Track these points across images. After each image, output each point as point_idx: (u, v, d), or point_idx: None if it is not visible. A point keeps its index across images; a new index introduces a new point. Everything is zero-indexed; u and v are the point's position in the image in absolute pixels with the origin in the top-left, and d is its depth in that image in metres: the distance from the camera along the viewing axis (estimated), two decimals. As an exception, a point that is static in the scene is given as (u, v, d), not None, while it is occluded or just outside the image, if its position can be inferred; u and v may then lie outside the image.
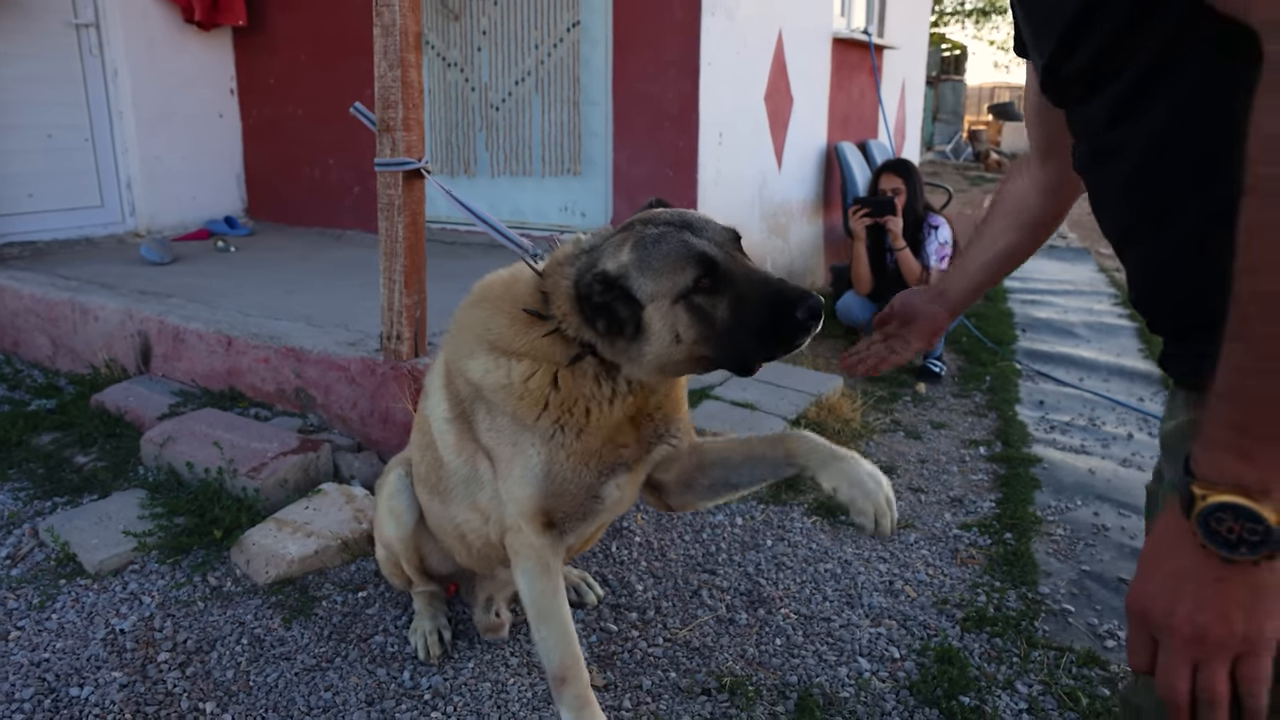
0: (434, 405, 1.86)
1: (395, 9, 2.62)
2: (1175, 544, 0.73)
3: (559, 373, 1.64)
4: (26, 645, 2.18)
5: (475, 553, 1.95)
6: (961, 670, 2.15)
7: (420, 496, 2.04)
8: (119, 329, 3.67)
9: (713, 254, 1.48)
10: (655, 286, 1.49)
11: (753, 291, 1.47)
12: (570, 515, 1.74)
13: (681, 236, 1.50)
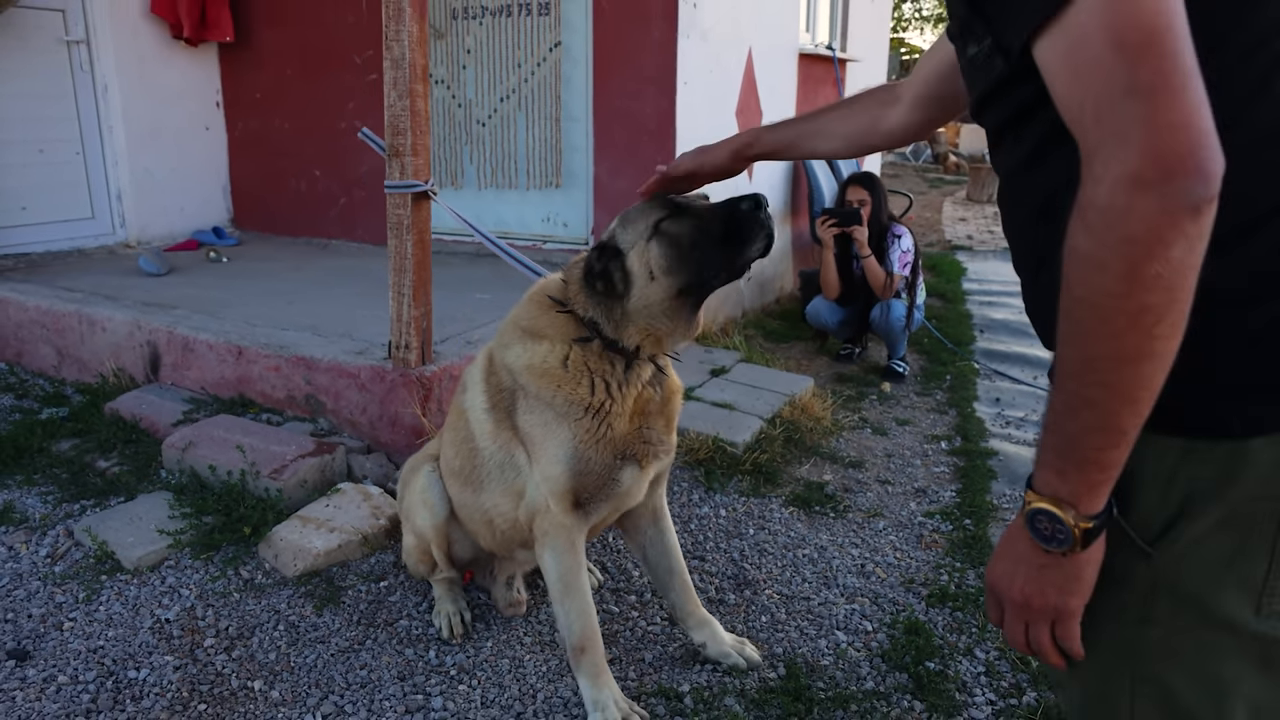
0: (473, 398, 2.12)
1: (404, 44, 2.84)
2: (1017, 536, 0.97)
3: (571, 350, 1.95)
4: (81, 634, 2.38)
5: (500, 535, 2.19)
6: (927, 640, 2.42)
7: (451, 489, 2.28)
8: (127, 339, 3.84)
9: (675, 200, 1.84)
10: (633, 234, 1.87)
11: (706, 211, 1.84)
12: (594, 495, 2.01)
13: (654, 200, 1.87)
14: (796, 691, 2.20)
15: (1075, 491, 0.89)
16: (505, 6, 4.86)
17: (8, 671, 2.22)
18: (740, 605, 2.62)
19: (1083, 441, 0.87)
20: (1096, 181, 0.78)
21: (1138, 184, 0.75)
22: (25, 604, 2.50)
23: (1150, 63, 0.75)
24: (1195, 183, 0.74)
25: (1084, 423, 0.86)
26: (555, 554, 2.04)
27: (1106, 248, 0.78)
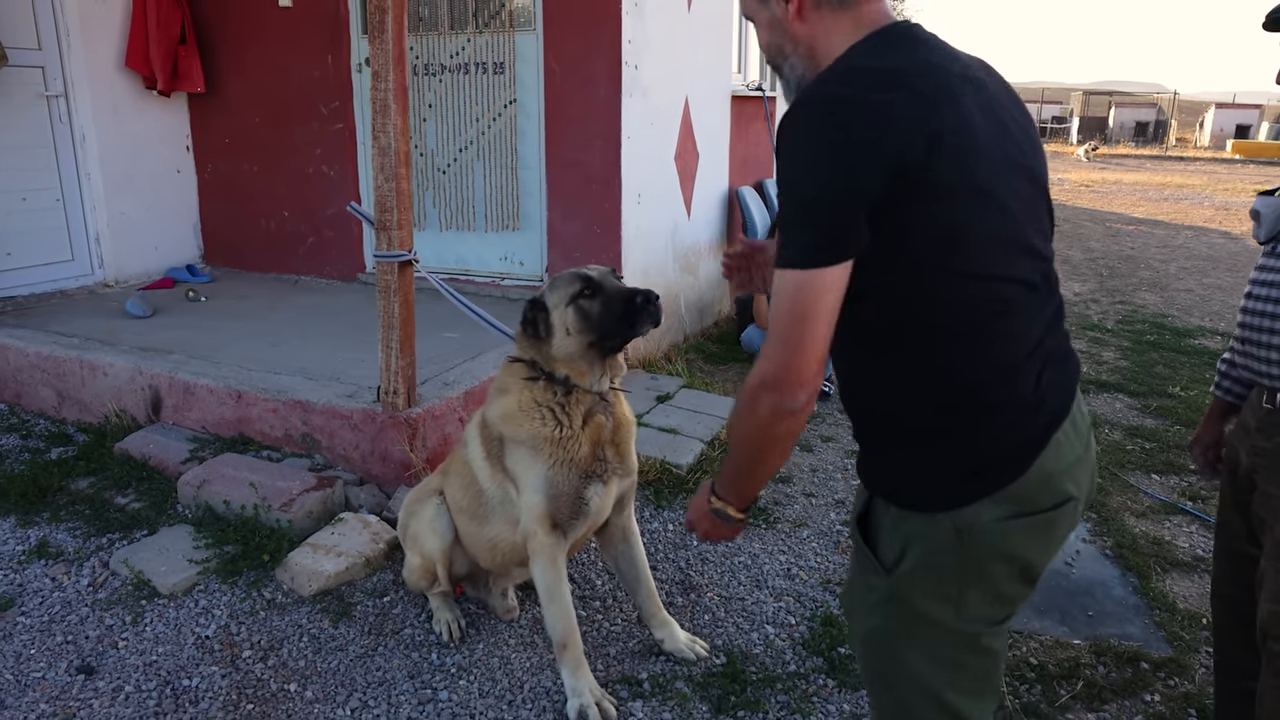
0: (473, 450, 2.68)
1: (390, 135, 3.31)
2: (704, 509, 1.70)
3: (524, 393, 2.56)
4: (135, 651, 2.82)
5: (502, 557, 2.74)
6: (839, 630, 2.98)
7: (459, 521, 2.80)
8: (129, 383, 4.23)
9: (591, 274, 2.48)
10: (556, 297, 2.51)
11: (615, 293, 2.46)
12: (567, 517, 2.57)
13: (576, 271, 2.51)
14: (734, 675, 2.75)
15: (733, 502, 1.66)
16: (463, 65, 5.33)
17: (81, 684, 2.66)
18: (687, 606, 3.15)
19: (735, 484, 1.63)
20: (753, 374, 1.39)
21: (765, 385, 1.37)
22: (80, 628, 2.93)
23: (799, 331, 1.32)
24: (794, 399, 1.35)
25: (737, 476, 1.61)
26: (541, 569, 2.58)
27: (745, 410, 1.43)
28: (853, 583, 1.63)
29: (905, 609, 1.49)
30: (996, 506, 1.41)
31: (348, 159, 5.83)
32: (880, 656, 1.57)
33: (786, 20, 1.48)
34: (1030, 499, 1.42)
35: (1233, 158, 32.77)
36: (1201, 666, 2.90)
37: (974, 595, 1.46)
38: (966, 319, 1.37)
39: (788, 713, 2.61)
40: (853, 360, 1.51)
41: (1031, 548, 1.45)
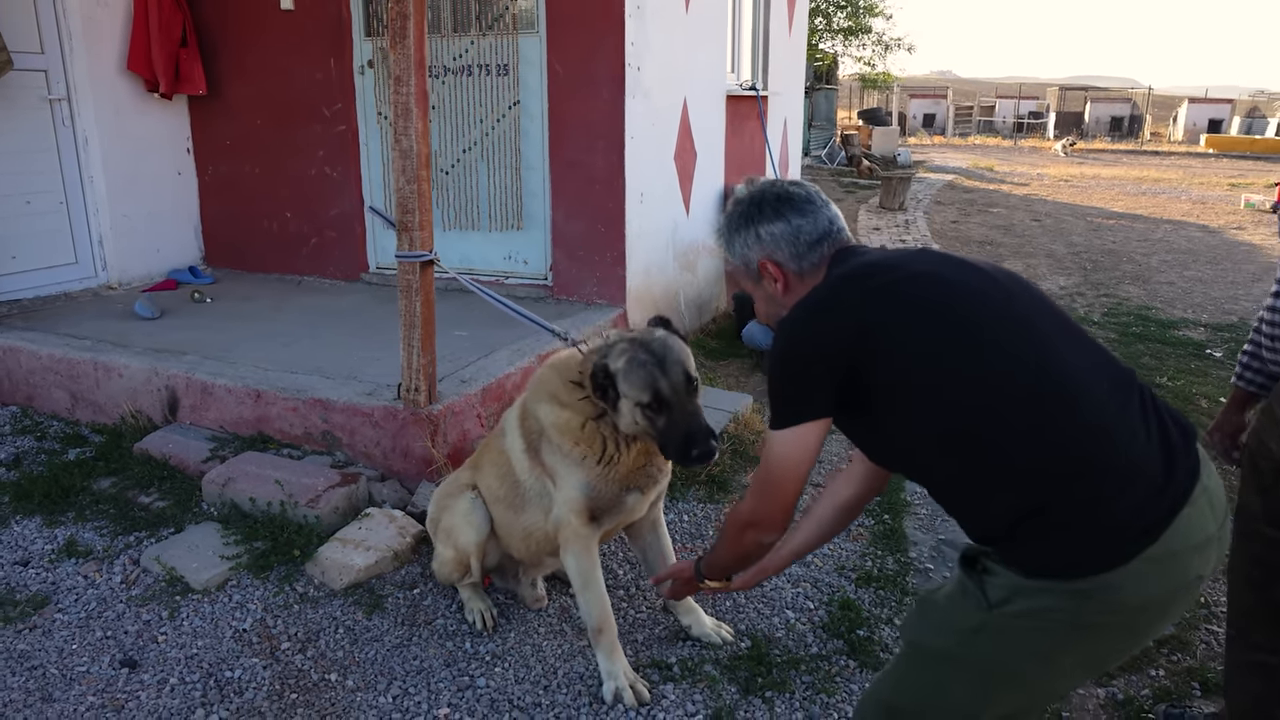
0: (512, 441, 2.77)
1: (412, 138, 3.38)
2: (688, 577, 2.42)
3: (588, 422, 2.58)
4: (175, 645, 2.88)
5: (535, 545, 2.82)
6: (857, 613, 3.09)
7: (495, 511, 2.88)
8: (145, 384, 4.28)
9: (663, 390, 2.43)
10: (626, 390, 2.47)
11: (680, 422, 2.44)
12: (605, 512, 2.68)
13: (651, 372, 2.44)
14: (759, 658, 2.85)
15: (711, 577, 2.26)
16: (466, 67, 5.40)
17: (126, 677, 2.73)
18: (708, 594, 3.25)
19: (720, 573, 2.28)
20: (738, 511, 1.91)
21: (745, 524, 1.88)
22: (118, 623, 2.99)
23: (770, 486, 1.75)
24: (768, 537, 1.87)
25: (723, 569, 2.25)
26: (575, 557, 2.68)
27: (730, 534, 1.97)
28: (939, 598, 1.70)
29: (989, 645, 1.56)
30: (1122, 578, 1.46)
31: (350, 160, 5.88)
32: (926, 669, 1.67)
33: (778, 294, 1.89)
34: (1159, 574, 1.47)
35: (1206, 152, 33.23)
36: (1201, 643, 3.03)
37: (1069, 659, 1.54)
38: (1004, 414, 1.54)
39: (813, 692, 2.72)
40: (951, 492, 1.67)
41: (1147, 624, 1.55)
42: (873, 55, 23.70)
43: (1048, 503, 1.48)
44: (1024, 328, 1.59)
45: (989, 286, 1.65)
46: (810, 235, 1.82)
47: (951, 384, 1.56)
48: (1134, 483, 1.47)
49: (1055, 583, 1.49)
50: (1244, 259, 10.49)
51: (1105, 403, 1.52)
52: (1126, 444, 1.49)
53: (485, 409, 3.98)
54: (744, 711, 2.64)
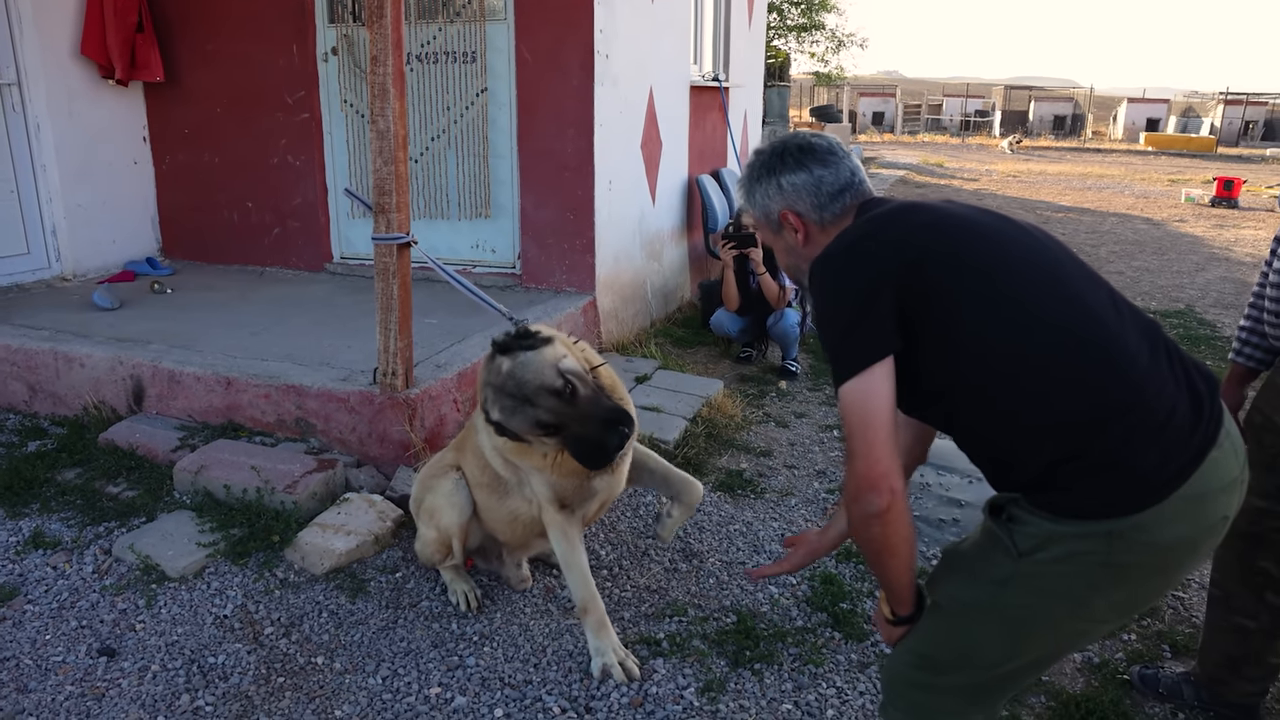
0: (482, 439, 2.76)
1: (389, 119, 3.35)
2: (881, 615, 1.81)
3: None
4: (154, 633, 2.83)
5: (522, 529, 2.82)
6: (839, 587, 3.14)
7: (478, 495, 2.87)
8: (109, 374, 4.18)
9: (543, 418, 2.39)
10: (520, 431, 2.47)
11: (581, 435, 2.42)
12: (574, 500, 2.69)
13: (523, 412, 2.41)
14: (746, 632, 2.88)
15: (894, 606, 1.75)
16: (434, 55, 5.36)
17: (104, 666, 2.67)
18: (691, 572, 3.27)
19: (884, 585, 1.73)
20: (846, 481, 1.61)
21: (852, 498, 1.57)
22: (92, 613, 2.93)
23: (859, 442, 1.55)
24: (872, 502, 1.53)
25: (880, 577, 1.72)
26: (555, 541, 2.72)
27: (850, 521, 1.63)
28: (966, 550, 1.73)
29: (1019, 593, 1.59)
30: (1154, 518, 1.50)
31: (314, 148, 5.80)
32: (958, 621, 1.69)
33: (799, 245, 1.87)
34: (1189, 514, 1.51)
35: (1146, 149, 34.14)
36: (1169, 608, 3.13)
37: (1101, 601, 1.57)
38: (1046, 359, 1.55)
39: (800, 663, 2.75)
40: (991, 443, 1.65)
41: (1177, 564, 1.58)
42: (826, 51, 23.94)
43: (1084, 449, 1.51)
44: (1061, 277, 1.62)
45: (1023, 236, 1.68)
46: (832, 186, 1.80)
47: (997, 327, 1.56)
48: (1165, 428, 1.51)
49: (1087, 525, 1.52)
50: (1187, 249, 10.81)
51: (1137, 352, 1.55)
52: (1158, 391, 1.53)
53: (461, 394, 3.96)
54: (734, 683, 2.66)
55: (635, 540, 3.48)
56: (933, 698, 1.76)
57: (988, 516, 1.68)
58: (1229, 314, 7.58)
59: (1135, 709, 2.61)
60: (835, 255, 1.66)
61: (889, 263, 1.59)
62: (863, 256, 1.63)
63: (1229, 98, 41.93)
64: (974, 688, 1.73)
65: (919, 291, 1.57)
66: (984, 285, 1.58)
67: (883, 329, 1.56)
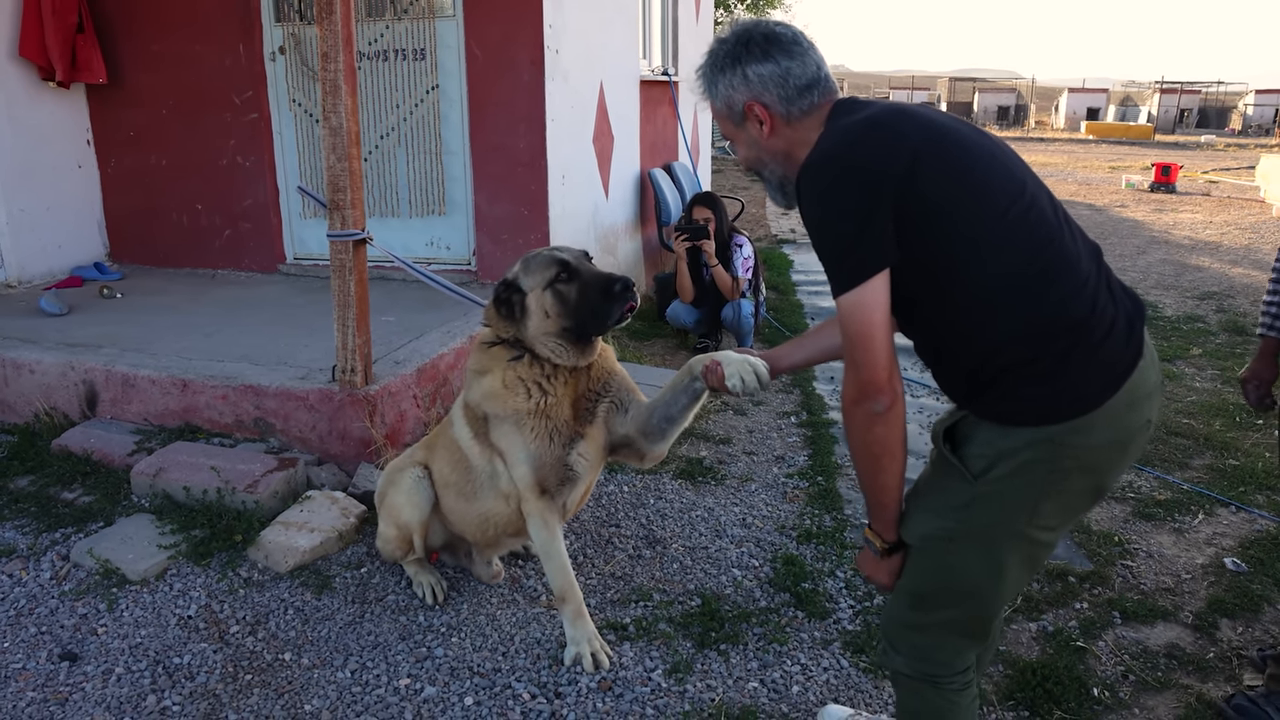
0: (459, 429, 2.76)
1: (341, 115, 3.35)
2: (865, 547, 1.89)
3: (507, 371, 2.62)
4: (117, 636, 2.80)
5: (494, 530, 2.82)
6: (801, 568, 3.20)
7: (445, 497, 2.87)
8: (60, 380, 4.12)
9: (567, 258, 2.53)
10: (532, 281, 2.54)
11: (592, 279, 2.51)
12: (555, 483, 2.66)
13: (549, 254, 2.55)
14: (711, 614, 2.93)
15: (880, 532, 1.83)
16: (382, 52, 5.33)
17: (66, 670, 2.64)
18: (655, 558, 3.32)
19: (873, 507, 1.80)
20: (843, 397, 1.68)
21: (853, 401, 1.65)
22: (52, 618, 2.89)
23: (859, 351, 1.61)
24: (878, 403, 1.62)
25: (869, 495, 1.78)
26: (536, 530, 2.70)
27: (849, 426, 1.70)
28: (923, 490, 1.83)
29: (981, 513, 1.70)
30: (1092, 423, 1.62)
31: (264, 149, 5.74)
32: (935, 555, 1.79)
33: (762, 138, 1.82)
34: (1121, 419, 1.64)
35: (1087, 138, 34.93)
36: (1119, 577, 3.25)
37: (1049, 505, 1.67)
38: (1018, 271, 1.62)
39: (765, 642, 2.81)
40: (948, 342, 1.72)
41: (1110, 464, 1.69)
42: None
43: (1037, 357, 1.61)
44: (1033, 194, 1.68)
45: (997, 150, 1.72)
46: (800, 79, 1.75)
47: (978, 238, 1.61)
48: (1106, 341, 1.62)
49: (1033, 431, 1.62)
50: (1129, 233, 11.10)
51: (1089, 271, 1.66)
52: (1103, 309, 1.64)
53: (421, 389, 3.97)
54: (701, 664, 2.71)
55: (599, 529, 3.52)
56: (930, 636, 1.86)
57: (938, 445, 1.78)
58: (1169, 294, 7.80)
59: (1089, 674, 2.71)
60: (827, 164, 1.63)
61: (884, 173, 1.58)
62: (857, 168, 1.61)
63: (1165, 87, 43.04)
64: (966, 619, 1.83)
65: (909, 200, 1.58)
66: (969, 197, 1.62)
67: (881, 241, 1.59)
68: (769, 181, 1.92)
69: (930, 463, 1.87)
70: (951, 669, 1.88)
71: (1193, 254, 9.70)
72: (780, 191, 1.92)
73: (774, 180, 1.90)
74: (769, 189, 1.95)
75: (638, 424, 2.69)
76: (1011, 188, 1.66)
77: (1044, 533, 1.72)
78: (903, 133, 1.63)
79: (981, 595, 1.79)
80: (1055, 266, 1.64)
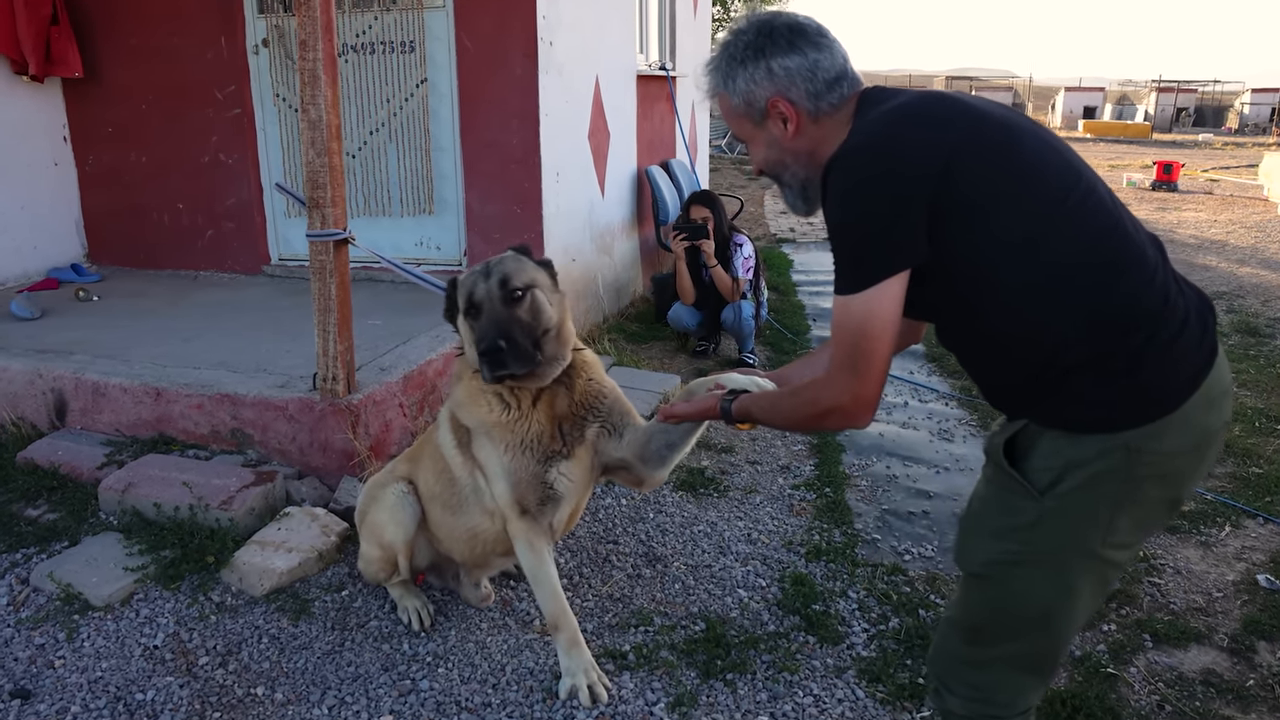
0: (444, 436, 2.56)
1: (320, 107, 3.15)
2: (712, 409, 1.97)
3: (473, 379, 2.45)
4: (75, 669, 2.60)
5: (482, 547, 2.62)
6: (810, 588, 3.01)
7: (432, 511, 2.67)
8: (27, 388, 3.91)
9: (477, 295, 2.31)
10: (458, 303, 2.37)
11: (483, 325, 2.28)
12: (534, 503, 2.45)
13: (473, 280, 2.33)
14: (716, 639, 2.73)
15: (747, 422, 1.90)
16: (369, 45, 5.13)
17: (18, 710, 2.44)
18: (655, 577, 3.12)
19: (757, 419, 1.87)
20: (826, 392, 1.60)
21: (838, 410, 1.58)
22: (5, 650, 2.68)
23: (864, 359, 1.51)
24: (856, 423, 1.59)
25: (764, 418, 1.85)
26: (521, 553, 2.51)
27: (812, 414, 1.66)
28: (979, 511, 1.65)
29: (1050, 532, 1.53)
30: (1169, 426, 1.47)
31: (247, 146, 5.53)
32: (998, 582, 1.60)
33: (785, 138, 1.68)
34: (1198, 421, 1.50)
35: (1085, 136, 34.79)
36: (1146, 595, 3.06)
37: (1125, 520, 1.52)
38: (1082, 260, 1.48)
39: (774, 671, 2.62)
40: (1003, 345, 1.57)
41: (1188, 471, 1.54)
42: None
43: (1109, 356, 1.47)
44: (1089, 183, 1.54)
45: (1047, 136, 1.59)
46: (828, 72, 1.62)
47: (1033, 230, 1.48)
48: (1179, 337, 1.49)
49: (1105, 439, 1.47)
50: (1133, 233, 10.91)
51: (1156, 263, 1.53)
52: (1175, 298, 1.51)
53: (408, 397, 3.76)
54: (706, 695, 2.52)
55: (595, 546, 3.32)
56: (991, 673, 1.68)
57: (998, 463, 1.59)
58: (1178, 295, 7.62)
59: (1121, 703, 2.52)
60: (860, 153, 1.50)
61: (923, 163, 1.45)
62: (893, 157, 1.47)
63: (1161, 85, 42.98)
64: (1032, 652, 1.65)
65: (953, 192, 1.46)
66: (1016, 185, 1.48)
67: (910, 238, 1.47)
68: (789, 186, 1.77)
69: (984, 480, 1.68)
70: (1013, 709, 1.68)
71: (1199, 253, 9.52)
72: (801, 197, 1.76)
73: (795, 185, 1.75)
74: (788, 195, 1.79)
75: (634, 450, 2.49)
76: (1068, 174, 1.53)
77: (1118, 551, 1.55)
78: (940, 124, 1.51)
79: (1050, 625, 1.60)
80: (1122, 256, 1.50)
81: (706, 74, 1.73)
